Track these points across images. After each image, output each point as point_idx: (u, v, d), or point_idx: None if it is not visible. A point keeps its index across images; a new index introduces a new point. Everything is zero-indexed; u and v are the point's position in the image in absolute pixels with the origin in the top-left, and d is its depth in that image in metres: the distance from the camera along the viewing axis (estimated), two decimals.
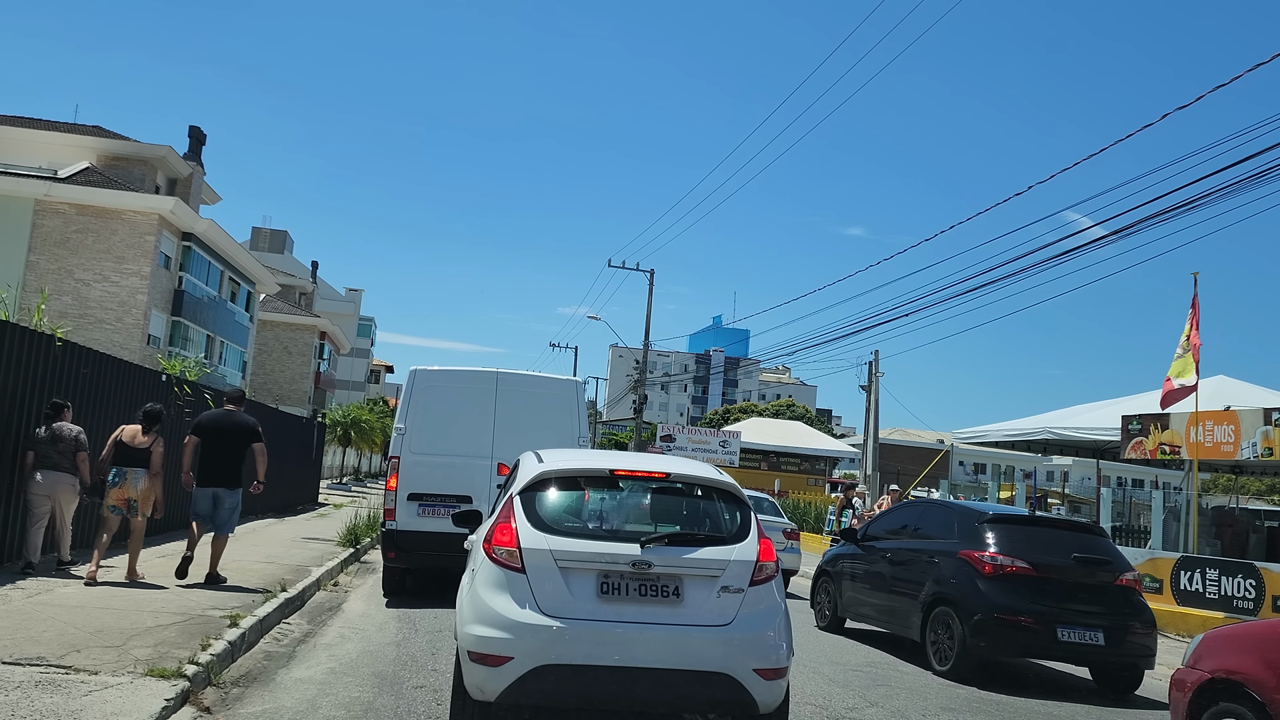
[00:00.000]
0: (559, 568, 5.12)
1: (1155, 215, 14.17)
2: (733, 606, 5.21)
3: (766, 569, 5.37)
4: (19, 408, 9.49)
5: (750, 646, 5.16)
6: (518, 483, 5.70)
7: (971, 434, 22.82)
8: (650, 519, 5.78)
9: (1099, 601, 8.89)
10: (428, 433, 10.70)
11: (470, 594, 5.30)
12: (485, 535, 5.50)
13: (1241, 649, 5.33)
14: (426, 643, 8.17)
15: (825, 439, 47.38)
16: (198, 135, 37.53)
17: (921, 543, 10.06)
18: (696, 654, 5.08)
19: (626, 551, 5.18)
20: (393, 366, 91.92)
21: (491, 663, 4.97)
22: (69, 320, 27.00)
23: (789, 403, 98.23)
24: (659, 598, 5.17)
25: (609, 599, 5.11)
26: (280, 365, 49.74)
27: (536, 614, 5.01)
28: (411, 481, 10.55)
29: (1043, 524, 9.91)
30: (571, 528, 5.39)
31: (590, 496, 5.72)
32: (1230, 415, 14.53)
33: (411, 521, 10.45)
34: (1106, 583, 9.06)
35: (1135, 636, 8.79)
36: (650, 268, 45.90)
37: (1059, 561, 8.97)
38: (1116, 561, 9.33)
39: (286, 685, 6.40)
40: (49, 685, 5.27)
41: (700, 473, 5.93)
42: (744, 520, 5.62)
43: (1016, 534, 9.29)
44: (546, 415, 10.83)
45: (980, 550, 9.04)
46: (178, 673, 5.78)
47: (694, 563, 5.24)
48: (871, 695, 7.71)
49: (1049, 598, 8.73)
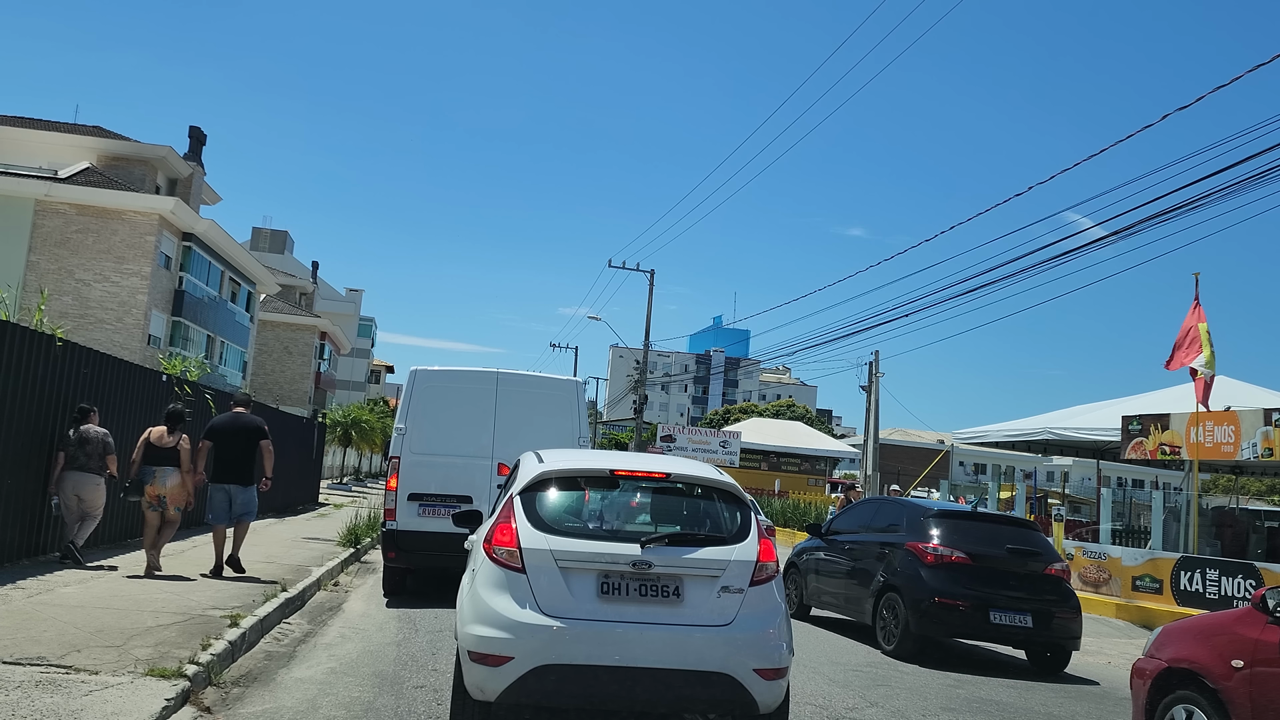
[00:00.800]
0: (559, 568, 5.09)
1: (1155, 216, 14.17)
2: (733, 606, 5.18)
3: (767, 569, 5.35)
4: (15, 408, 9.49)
5: (751, 646, 5.13)
6: (518, 483, 5.69)
7: (972, 434, 22.82)
8: (650, 519, 5.72)
9: (1029, 588, 9.76)
10: (428, 433, 10.67)
11: (470, 594, 5.28)
12: (485, 535, 5.50)
13: (1196, 640, 5.63)
14: (427, 643, 8.18)
15: (825, 439, 47.39)
16: (198, 135, 37.54)
17: (875, 536, 10.89)
18: (697, 654, 5.05)
19: (627, 551, 5.16)
20: (393, 366, 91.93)
21: (492, 662, 4.95)
22: (69, 320, 27.03)
23: (789, 403, 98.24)
24: (659, 598, 5.15)
25: (609, 599, 5.08)
26: (280, 365, 49.75)
27: (537, 614, 4.98)
28: (412, 482, 10.53)
29: (981, 519, 10.90)
30: (572, 528, 5.37)
31: (590, 497, 5.70)
32: (1230, 416, 14.53)
33: (412, 521, 10.43)
34: (1036, 571, 9.94)
35: (1061, 620, 9.65)
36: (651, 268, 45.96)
37: (994, 552, 9.90)
38: (1046, 553, 10.22)
39: (287, 685, 6.41)
40: (49, 685, 5.27)
41: (700, 473, 5.91)
42: (744, 520, 5.59)
43: (957, 528, 10.15)
44: (546, 415, 10.80)
45: (924, 542, 9.94)
46: (178, 672, 5.78)
47: (694, 563, 5.21)
48: (871, 695, 7.71)
49: (983, 584, 9.63)
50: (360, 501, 22.30)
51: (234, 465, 10.31)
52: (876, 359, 27.78)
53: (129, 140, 34.87)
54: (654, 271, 39.25)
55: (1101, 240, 16.27)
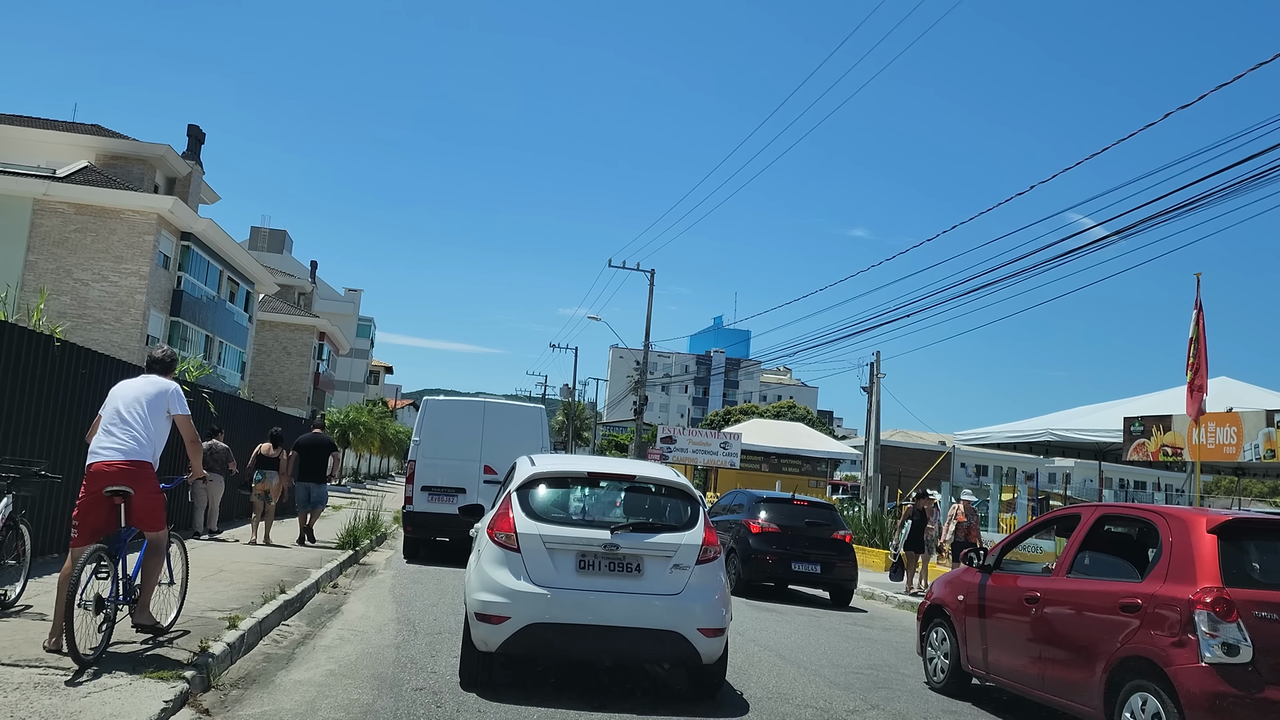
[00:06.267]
0: (547, 548, 6.51)
1: (1158, 215, 14.09)
2: (683, 580, 6.58)
3: (710, 551, 6.76)
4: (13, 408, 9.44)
5: (696, 612, 6.51)
6: (515, 481, 7.06)
7: (973, 436, 22.77)
8: (620, 511, 7.09)
9: (820, 548, 14.61)
10: (435, 444, 14.85)
11: (476, 568, 6.75)
12: (489, 523, 6.90)
13: (943, 586, 8.71)
14: (426, 645, 8.12)
15: (827, 440, 47.26)
16: (196, 134, 37.44)
17: (731, 516, 15.49)
18: (653, 616, 6.44)
19: (599, 536, 6.56)
20: (392, 367, 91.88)
21: (493, 621, 6.37)
22: (67, 320, 26.91)
23: (790, 404, 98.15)
24: (625, 573, 6.54)
25: (585, 573, 6.49)
26: (279, 365, 49.65)
27: (529, 584, 6.41)
28: (424, 477, 14.74)
29: (794, 503, 15.68)
30: (557, 517, 6.78)
31: (573, 493, 7.18)
32: (1233, 417, 14.46)
33: (424, 506, 14.68)
34: (826, 536, 14.81)
35: (840, 568, 14.56)
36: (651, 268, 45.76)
37: (797, 524, 14.84)
38: (835, 524, 15.25)
39: (285, 687, 6.35)
40: (48, 687, 5.22)
41: (661, 475, 7.34)
42: (694, 512, 6.98)
43: (775, 508, 15.17)
44: (518, 432, 14.72)
45: (753, 519, 14.81)
46: (176, 674, 5.73)
47: (652, 545, 6.62)
48: (873, 698, 7.67)
49: (788, 545, 14.45)
50: (360, 503, 22.21)
51: (312, 469, 14.86)
52: (878, 359, 27.68)
53: (127, 139, 34.77)
54: (654, 271, 39.15)
55: (1103, 240, 16.21)
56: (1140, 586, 6.18)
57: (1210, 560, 5.85)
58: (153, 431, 6.43)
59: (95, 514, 6.18)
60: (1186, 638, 5.61)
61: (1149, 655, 5.82)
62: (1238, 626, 5.50)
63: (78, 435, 10.62)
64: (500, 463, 13.24)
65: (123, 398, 6.47)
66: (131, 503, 6.24)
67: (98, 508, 6.17)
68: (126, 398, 6.46)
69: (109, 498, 6.16)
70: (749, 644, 9.77)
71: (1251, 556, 6.05)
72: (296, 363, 50.41)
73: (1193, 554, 5.95)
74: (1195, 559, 5.92)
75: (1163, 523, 6.45)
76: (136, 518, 6.32)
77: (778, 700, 7.21)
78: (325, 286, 70.57)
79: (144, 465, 6.31)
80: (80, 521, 6.17)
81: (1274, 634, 5.50)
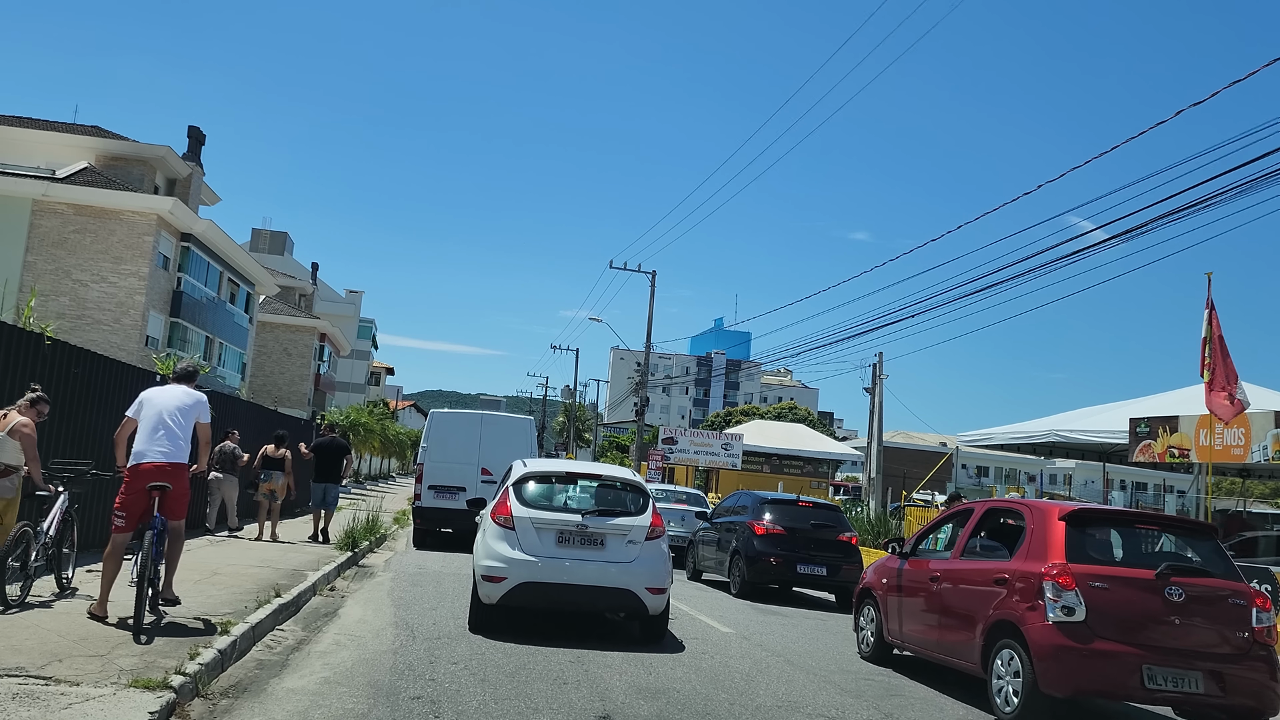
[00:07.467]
0: (534, 527, 8.85)
1: (1164, 216, 13.86)
2: (635, 551, 8.93)
3: (656, 531, 9.13)
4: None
5: (644, 574, 8.84)
6: (511, 478, 9.53)
7: (977, 437, 22.57)
8: (590, 500, 9.37)
9: (826, 549, 14.35)
10: (440, 449, 17.74)
11: (482, 542, 9.06)
12: (491, 509, 9.33)
13: (874, 571, 10.01)
14: (425, 651, 7.91)
15: (828, 441, 47.02)
16: (197, 135, 37.26)
17: (735, 518, 15.37)
18: (612, 577, 8.75)
19: (573, 519, 8.94)
20: (393, 369, 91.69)
21: (494, 580, 8.67)
22: (66, 321, 26.80)
23: (791, 405, 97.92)
24: (592, 546, 8.89)
25: (563, 546, 8.83)
26: (280, 367, 49.44)
27: (521, 553, 8.73)
28: (431, 478, 17.53)
29: (799, 504, 15.42)
30: (542, 505, 9.16)
31: (554, 487, 9.53)
32: (1241, 418, 14.26)
33: (430, 501, 17.49)
34: (832, 538, 14.56)
35: (846, 569, 14.08)
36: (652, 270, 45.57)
37: (803, 526, 14.56)
38: (840, 526, 15.01)
39: (278, 696, 6.15)
40: (27, 698, 5.03)
41: (621, 474, 9.92)
42: (645, 502, 9.42)
43: (780, 510, 14.87)
44: (510, 440, 17.46)
45: (758, 520, 14.51)
46: (163, 684, 5.53)
47: (612, 526, 8.98)
48: (885, 706, 7.48)
49: (794, 547, 14.18)
50: (359, 504, 22.01)
51: (327, 470, 15.99)
52: (880, 361, 27.48)
53: (127, 140, 34.60)
54: (655, 273, 38.89)
55: (1108, 241, 16.01)
56: (1008, 564, 7.60)
57: (1059, 542, 7.26)
58: (188, 437, 7.68)
59: (139, 505, 7.34)
60: (1038, 603, 7.04)
61: (1011, 619, 7.22)
62: (1076, 593, 6.92)
63: (74, 434, 10.48)
64: (495, 465, 15.89)
65: (164, 406, 7.63)
66: (167, 496, 7.35)
67: (141, 500, 7.32)
68: (169, 407, 7.64)
69: (150, 491, 7.25)
70: (756, 649, 9.57)
71: (1092, 540, 7.51)
72: (297, 364, 50.18)
73: (1046, 538, 7.37)
74: (1048, 541, 7.33)
75: (1028, 513, 7.81)
76: (168, 508, 7.42)
77: (789, 710, 7.01)
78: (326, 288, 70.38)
79: (182, 466, 7.56)
80: (127, 512, 7.36)
81: (1103, 598, 6.94)
